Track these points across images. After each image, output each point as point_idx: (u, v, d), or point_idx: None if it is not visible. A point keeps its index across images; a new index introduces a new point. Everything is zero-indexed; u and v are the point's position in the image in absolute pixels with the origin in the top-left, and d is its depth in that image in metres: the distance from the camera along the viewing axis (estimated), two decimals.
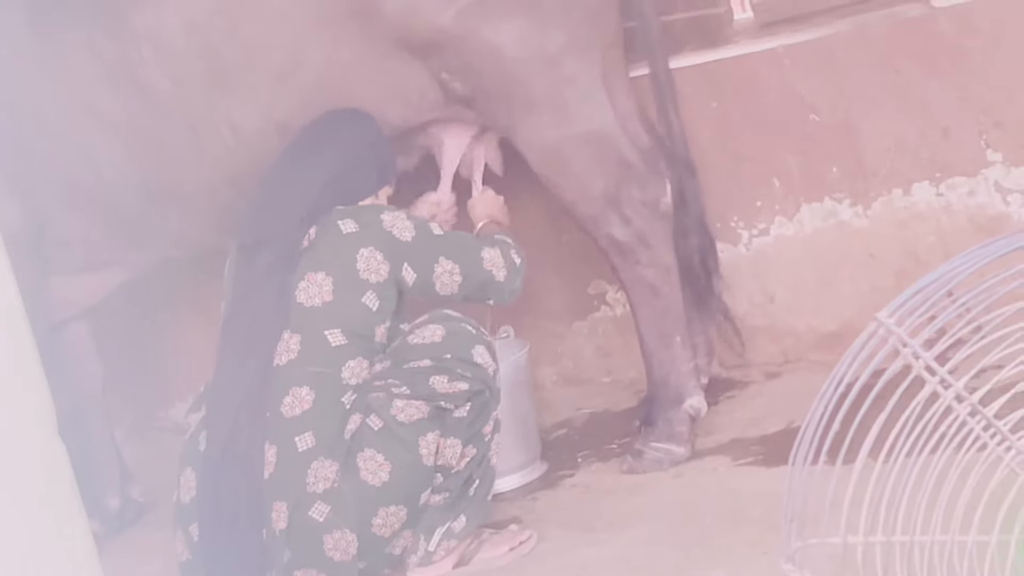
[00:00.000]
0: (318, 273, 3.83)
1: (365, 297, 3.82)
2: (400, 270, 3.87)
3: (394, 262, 3.85)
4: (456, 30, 4.14)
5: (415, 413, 3.76)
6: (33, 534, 3.14)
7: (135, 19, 4.24)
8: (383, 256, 3.84)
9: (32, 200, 4.39)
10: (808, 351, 4.76)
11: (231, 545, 3.76)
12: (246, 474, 3.75)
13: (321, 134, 4.08)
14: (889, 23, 4.58)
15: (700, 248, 4.58)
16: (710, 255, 4.61)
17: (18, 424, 3.15)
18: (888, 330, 2.25)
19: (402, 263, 3.87)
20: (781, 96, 4.67)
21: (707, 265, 4.60)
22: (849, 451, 2.31)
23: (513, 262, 4.07)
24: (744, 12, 5.09)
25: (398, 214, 3.92)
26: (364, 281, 3.82)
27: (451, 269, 3.94)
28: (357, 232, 3.86)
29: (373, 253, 3.83)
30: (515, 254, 4.10)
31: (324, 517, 3.71)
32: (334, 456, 3.73)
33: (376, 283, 3.83)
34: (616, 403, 4.95)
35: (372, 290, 3.83)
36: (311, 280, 3.83)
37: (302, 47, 4.18)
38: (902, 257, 4.60)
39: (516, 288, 4.10)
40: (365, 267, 3.82)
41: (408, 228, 3.89)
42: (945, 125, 4.50)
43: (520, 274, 4.10)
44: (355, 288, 3.82)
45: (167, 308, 5.41)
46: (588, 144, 4.27)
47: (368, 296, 3.82)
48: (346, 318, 3.81)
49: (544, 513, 4.22)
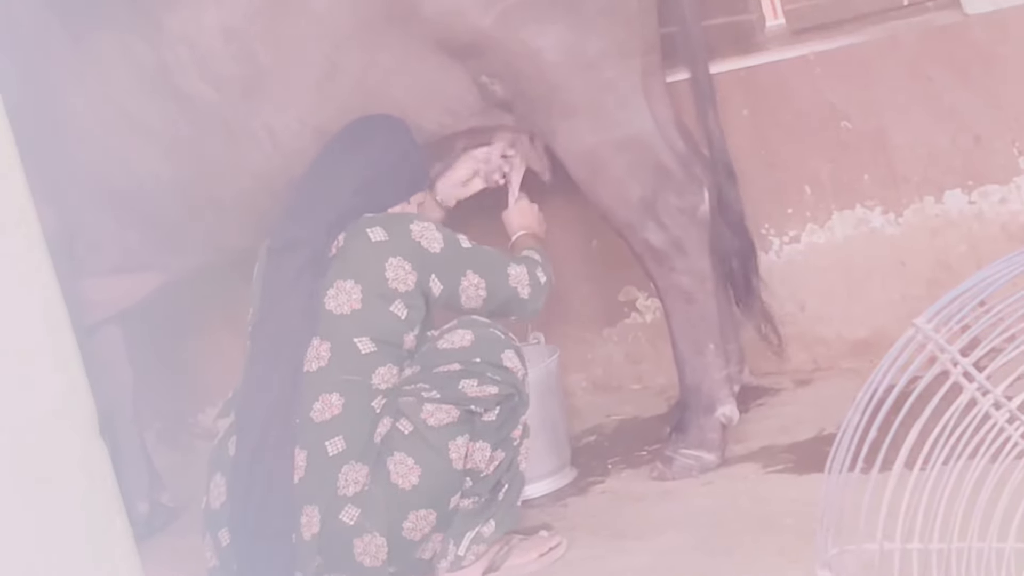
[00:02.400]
0: (347, 281, 3.83)
1: (393, 306, 3.83)
2: (427, 281, 3.87)
3: (421, 273, 3.86)
4: (497, 32, 4.14)
5: (445, 417, 3.77)
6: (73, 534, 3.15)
7: (171, 22, 4.24)
8: (411, 266, 3.84)
9: (66, 203, 4.40)
10: (839, 359, 4.75)
11: (262, 551, 3.76)
12: (276, 479, 3.76)
13: (353, 140, 4.08)
14: (921, 30, 4.57)
15: (740, 251, 4.58)
16: (750, 258, 4.61)
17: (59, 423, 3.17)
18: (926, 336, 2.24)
19: (430, 274, 3.87)
20: (813, 103, 4.66)
21: (747, 268, 4.59)
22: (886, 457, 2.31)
23: (538, 280, 4.07)
24: (776, 19, 5.11)
25: (427, 224, 3.92)
26: (393, 290, 3.82)
27: (477, 283, 3.95)
28: (386, 241, 3.86)
29: (402, 263, 3.84)
30: (541, 272, 4.10)
31: (354, 521, 3.72)
32: (364, 460, 3.74)
33: (404, 292, 3.83)
34: (646, 410, 4.94)
35: (400, 299, 3.83)
36: (340, 288, 3.83)
37: (340, 51, 4.18)
38: (933, 265, 4.59)
39: (539, 307, 4.11)
40: (394, 276, 3.83)
41: (437, 240, 3.90)
42: (977, 133, 4.49)
43: (544, 292, 4.10)
44: (383, 297, 3.82)
45: (198, 313, 5.42)
46: (626, 150, 4.26)
47: (396, 305, 3.83)
48: (375, 326, 3.81)
49: (574, 519, 4.22)
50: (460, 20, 4.14)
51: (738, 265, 4.60)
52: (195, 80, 4.26)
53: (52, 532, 3.12)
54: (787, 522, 3.72)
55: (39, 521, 3.14)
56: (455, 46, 4.18)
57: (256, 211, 4.29)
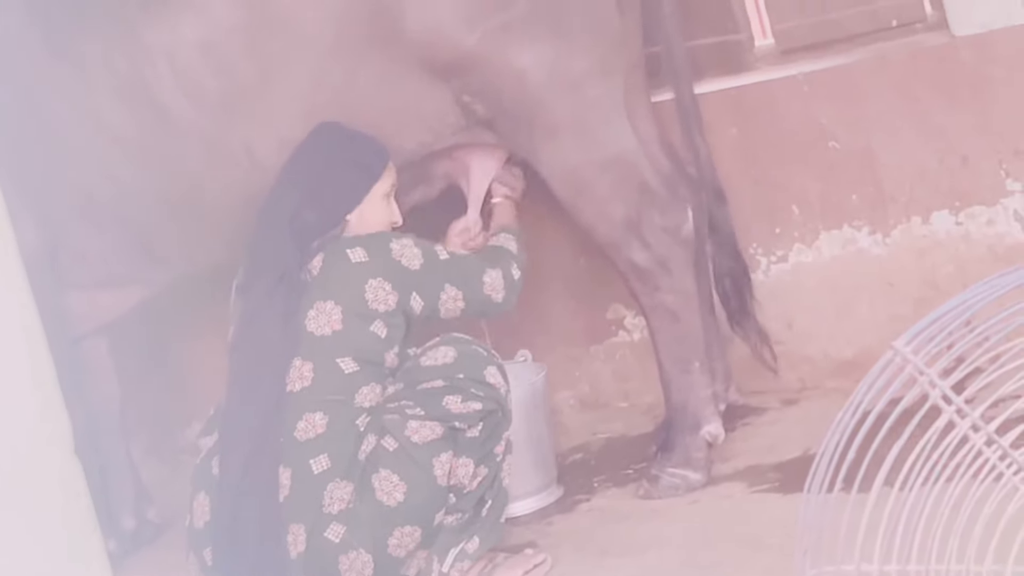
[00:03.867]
0: (327, 302, 3.83)
1: (373, 326, 3.83)
2: (408, 299, 3.88)
3: (402, 292, 3.86)
4: (480, 52, 4.14)
5: (429, 434, 3.77)
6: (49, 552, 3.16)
7: (150, 35, 4.24)
8: (391, 286, 3.85)
9: (48, 215, 4.39)
10: (825, 378, 4.75)
11: (247, 570, 3.76)
12: (262, 498, 3.75)
13: (294, 157, 4.05)
14: (910, 51, 4.58)
15: (731, 271, 4.59)
16: (743, 277, 4.62)
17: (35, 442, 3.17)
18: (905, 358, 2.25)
19: (410, 292, 3.88)
20: (801, 123, 4.67)
21: (739, 287, 4.60)
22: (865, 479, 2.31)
23: (512, 280, 4.09)
24: (766, 39, 5.11)
25: (405, 242, 3.92)
26: (373, 311, 3.83)
27: (455, 295, 3.97)
28: (366, 262, 3.86)
29: (382, 284, 3.84)
30: (515, 268, 4.11)
31: (340, 538, 3.72)
32: (349, 477, 3.74)
33: (384, 312, 3.84)
34: (633, 428, 4.94)
35: (380, 319, 3.84)
36: (320, 309, 3.83)
37: (321, 68, 4.18)
38: (920, 285, 4.59)
39: (512, 304, 4.12)
40: (374, 297, 3.83)
41: (416, 256, 3.90)
42: (964, 154, 4.50)
43: (517, 289, 4.12)
44: (363, 317, 3.83)
45: (185, 328, 5.42)
46: (609, 169, 4.27)
47: (376, 324, 3.83)
48: (356, 346, 3.82)
49: (559, 537, 4.22)
50: (443, 39, 4.14)
51: (731, 285, 4.61)
52: (174, 94, 4.25)
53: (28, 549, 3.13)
54: (772, 541, 3.71)
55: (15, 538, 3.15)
56: (437, 65, 4.19)
57: (237, 226, 4.27)
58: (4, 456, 3.17)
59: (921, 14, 4.84)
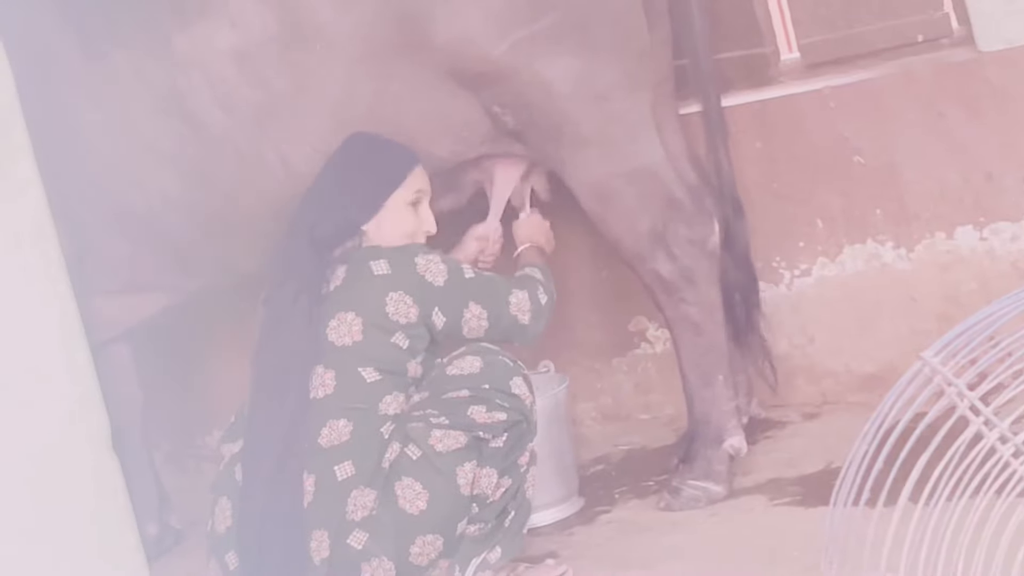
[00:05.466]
0: (348, 313, 3.83)
1: (395, 337, 3.83)
2: (430, 314, 3.87)
3: (424, 307, 3.86)
4: (509, 63, 4.15)
5: (453, 443, 3.77)
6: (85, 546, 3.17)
7: (184, 46, 4.25)
8: (413, 300, 3.84)
9: (77, 220, 4.40)
10: (847, 393, 4.75)
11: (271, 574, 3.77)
12: (287, 505, 3.76)
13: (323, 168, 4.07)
14: (935, 67, 4.58)
15: (742, 285, 4.59)
16: (752, 292, 4.62)
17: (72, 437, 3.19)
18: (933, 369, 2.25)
19: (432, 308, 3.88)
20: (826, 137, 4.67)
21: (748, 302, 4.61)
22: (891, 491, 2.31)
23: (539, 304, 4.07)
24: (791, 52, 5.12)
25: (432, 257, 3.91)
26: (394, 323, 3.83)
27: (479, 314, 3.95)
28: (389, 275, 3.86)
29: (403, 297, 3.84)
30: (542, 293, 4.09)
31: (362, 545, 3.72)
32: (373, 485, 3.74)
33: (405, 324, 3.84)
34: (654, 440, 4.94)
35: (401, 331, 3.84)
36: (341, 319, 3.83)
37: (352, 78, 4.19)
38: (943, 301, 4.59)
39: (539, 331, 4.09)
40: (395, 310, 3.83)
41: (441, 272, 3.90)
42: (989, 170, 4.50)
43: (545, 315, 4.09)
44: (384, 329, 3.83)
45: (208, 335, 5.43)
46: (636, 181, 4.28)
47: (397, 336, 3.83)
48: (377, 357, 3.82)
49: (580, 549, 4.21)
50: (472, 50, 4.15)
51: (740, 299, 4.61)
52: (207, 104, 4.27)
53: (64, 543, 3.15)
54: (793, 555, 3.71)
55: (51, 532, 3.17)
56: (467, 76, 4.19)
57: (266, 235, 4.28)
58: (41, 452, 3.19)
59: (947, 29, 4.84)
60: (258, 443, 3.83)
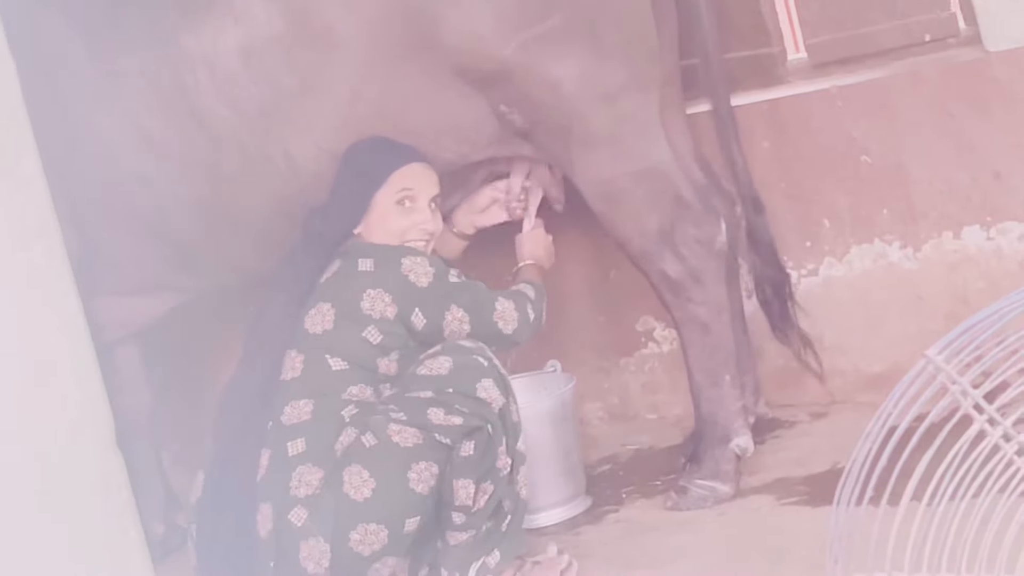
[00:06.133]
0: (325, 304, 3.94)
1: (366, 332, 3.89)
2: (410, 315, 3.91)
3: (403, 306, 3.90)
4: (517, 62, 4.15)
5: (410, 438, 3.77)
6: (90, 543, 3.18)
7: (190, 43, 4.25)
8: (392, 299, 3.89)
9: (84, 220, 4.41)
10: (855, 392, 4.75)
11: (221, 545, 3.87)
12: (242, 477, 3.86)
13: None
14: (943, 66, 4.58)
15: (772, 280, 4.58)
16: (784, 285, 4.62)
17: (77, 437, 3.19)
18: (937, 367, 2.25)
19: (413, 308, 3.91)
20: (833, 137, 4.67)
21: (781, 295, 4.60)
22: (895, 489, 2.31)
23: (526, 316, 4.07)
24: (799, 52, 5.12)
25: (419, 259, 3.95)
26: (367, 316, 3.89)
27: (461, 317, 3.97)
28: (371, 272, 3.93)
29: (381, 295, 3.89)
30: (531, 309, 4.10)
31: (301, 522, 3.75)
32: (321, 465, 3.78)
33: (379, 319, 3.89)
34: (661, 440, 4.95)
35: (374, 325, 3.88)
36: (319, 309, 3.94)
37: (359, 77, 4.19)
38: (951, 300, 4.59)
39: (522, 341, 4.11)
40: (370, 306, 3.89)
41: (426, 274, 3.93)
42: (997, 169, 4.49)
43: (530, 328, 4.10)
44: (355, 322, 3.89)
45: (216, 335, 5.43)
46: (644, 181, 4.27)
47: (369, 331, 3.89)
48: (346, 348, 3.90)
49: (587, 548, 4.21)
50: (480, 49, 4.15)
51: (772, 293, 4.60)
52: (213, 102, 4.27)
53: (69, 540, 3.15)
54: (800, 554, 3.71)
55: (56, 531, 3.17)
56: (475, 75, 4.19)
57: (273, 234, 4.30)
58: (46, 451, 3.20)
59: (955, 29, 4.84)
60: (225, 417, 3.96)
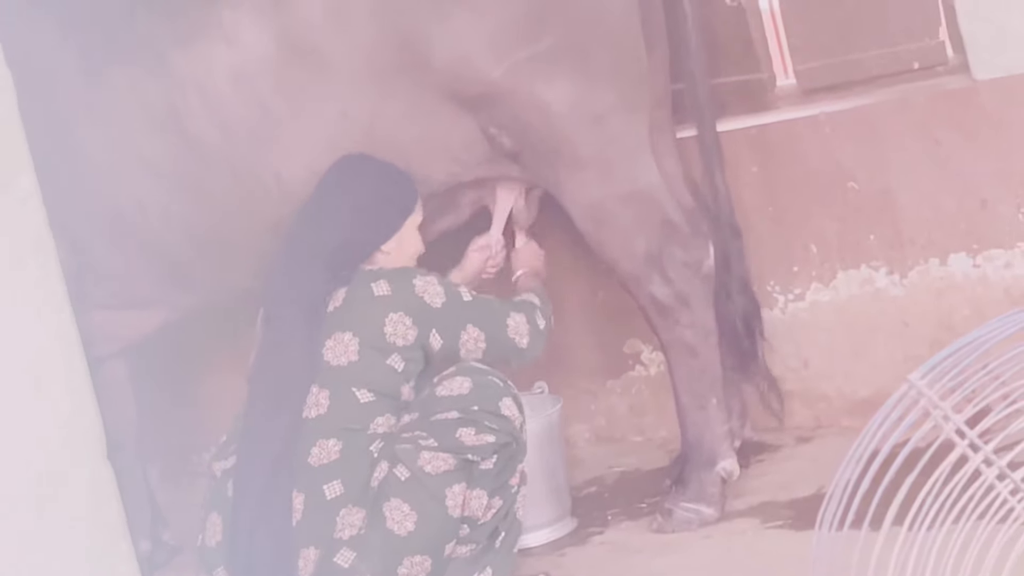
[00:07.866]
0: (345, 333, 3.87)
1: (390, 359, 3.86)
2: (428, 336, 3.90)
3: (422, 328, 3.88)
4: (506, 84, 4.16)
5: (442, 465, 3.78)
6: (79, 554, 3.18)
7: (181, 64, 4.26)
8: (412, 321, 3.87)
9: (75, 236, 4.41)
10: (840, 417, 4.76)
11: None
12: (278, 522, 3.78)
13: (325, 190, 4.09)
14: (930, 94, 4.60)
15: (744, 311, 4.61)
16: (754, 317, 4.64)
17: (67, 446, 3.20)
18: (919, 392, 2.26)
19: (430, 329, 3.90)
20: (821, 163, 4.69)
21: (751, 327, 4.63)
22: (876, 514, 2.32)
23: (537, 327, 4.09)
24: (787, 78, 5.14)
25: (429, 279, 3.94)
26: (391, 344, 3.85)
27: (477, 336, 3.97)
28: (389, 296, 3.89)
29: (402, 318, 3.86)
30: (540, 317, 4.12)
31: (349, 564, 3.73)
32: (361, 504, 3.75)
33: (402, 346, 3.86)
34: (647, 462, 4.95)
35: (397, 352, 3.86)
36: (338, 340, 3.86)
37: (349, 99, 4.20)
38: (937, 327, 4.60)
39: (537, 353, 4.12)
40: (392, 331, 3.86)
41: (439, 294, 3.92)
42: (983, 197, 4.51)
43: (543, 338, 4.11)
44: (380, 350, 3.85)
45: (203, 352, 5.44)
46: (632, 203, 4.29)
47: (393, 358, 3.86)
48: (372, 378, 3.84)
49: (572, 570, 4.22)
50: (470, 71, 4.16)
51: (742, 326, 4.62)
52: (203, 123, 4.27)
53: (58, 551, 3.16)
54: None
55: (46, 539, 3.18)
56: (464, 97, 4.20)
57: (263, 253, 4.29)
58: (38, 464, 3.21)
59: (943, 57, 4.86)
60: (250, 460, 3.84)
